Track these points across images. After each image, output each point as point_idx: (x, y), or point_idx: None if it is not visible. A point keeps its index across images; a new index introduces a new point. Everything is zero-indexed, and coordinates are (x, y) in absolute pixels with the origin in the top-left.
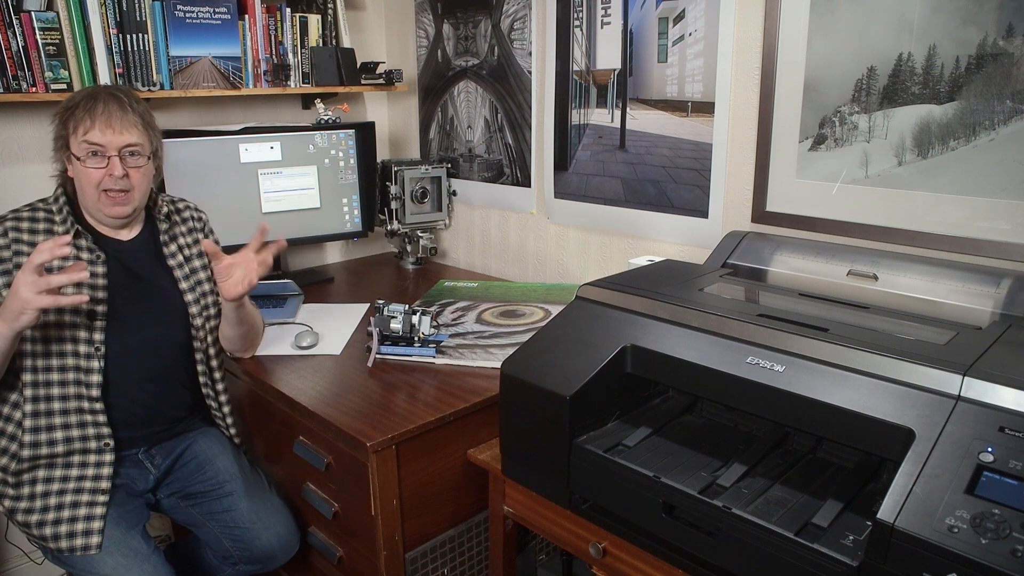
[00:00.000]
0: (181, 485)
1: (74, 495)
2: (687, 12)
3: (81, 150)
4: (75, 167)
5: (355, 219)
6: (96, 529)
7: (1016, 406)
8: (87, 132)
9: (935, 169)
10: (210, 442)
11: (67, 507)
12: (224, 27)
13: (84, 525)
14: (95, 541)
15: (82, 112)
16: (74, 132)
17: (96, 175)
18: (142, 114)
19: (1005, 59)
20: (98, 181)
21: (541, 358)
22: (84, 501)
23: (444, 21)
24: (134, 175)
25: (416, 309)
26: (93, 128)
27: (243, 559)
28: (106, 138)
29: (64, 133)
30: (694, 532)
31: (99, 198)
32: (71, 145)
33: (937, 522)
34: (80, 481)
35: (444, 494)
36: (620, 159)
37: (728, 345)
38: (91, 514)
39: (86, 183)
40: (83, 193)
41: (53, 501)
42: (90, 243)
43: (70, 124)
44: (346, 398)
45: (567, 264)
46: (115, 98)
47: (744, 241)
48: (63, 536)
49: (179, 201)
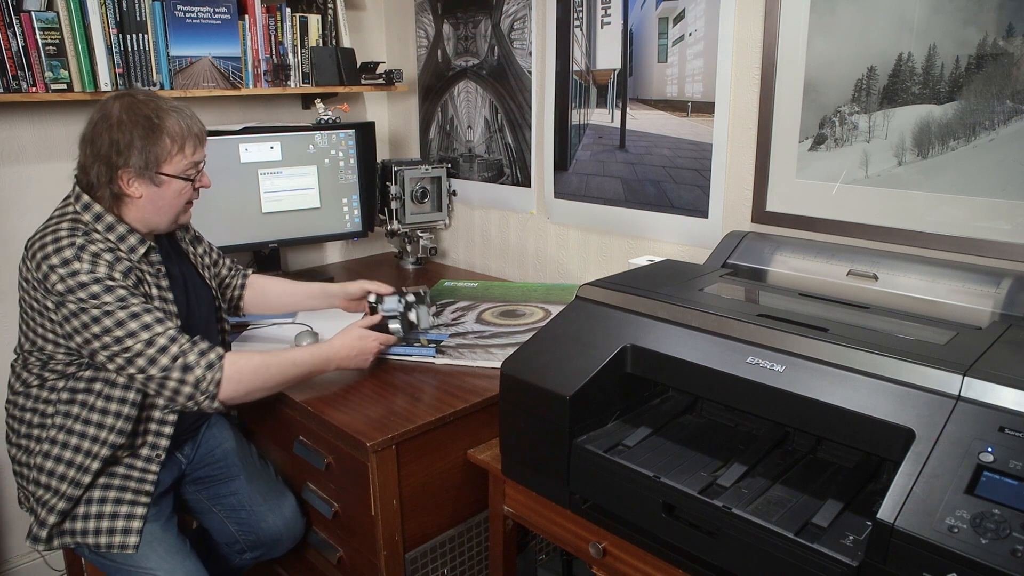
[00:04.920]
0: (188, 470)
1: (118, 492)
2: (687, 12)
3: (187, 169)
4: (168, 186)
5: (355, 219)
6: (135, 529)
7: (1016, 406)
8: (195, 151)
9: (935, 169)
10: (220, 428)
11: (110, 503)
12: (224, 27)
13: (124, 524)
14: (133, 541)
15: (185, 132)
16: (180, 151)
17: (189, 189)
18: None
19: (1005, 59)
20: (190, 195)
21: (541, 358)
22: (127, 499)
23: (444, 21)
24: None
25: (411, 301)
26: (200, 146)
27: (249, 544)
28: (204, 152)
29: (154, 151)
30: (694, 532)
31: (184, 210)
32: (170, 165)
33: (937, 522)
34: (126, 480)
35: (444, 494)
36: (620, 159)
37: (728, 345)
38: (132, 513)
39: (178, 199)
40: (164, 209)
41: (97, 495)
42: (156, 256)
43: (167, 143)
44: (346, 398)
45: (567, 264)
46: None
47: (744, 241)
48: (103, 532)
49: None
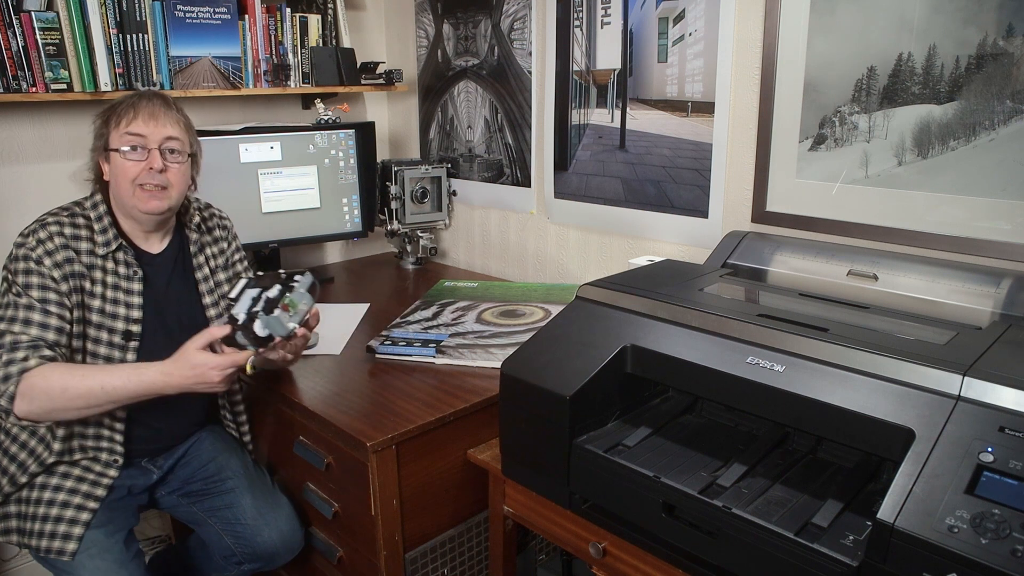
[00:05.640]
0: (182, 483)
1: (67, 495)
2: (687, 12)
3: (123, 142)
4: (113, 163)
5: (355, 219)
6: (75, 535)
7: (1016, 406)
8: (130, 124)
9: (935, 169)
10: (213, 439)
11: (56, 505)
12: (224, 27)
13: (65, 529)
14: (71, 548)
15: (126, 107)
16: (116, 126)
17: (134, 168)
18: (183, 115)
19: (1005, 59)
20: (135, 175)
21: (541, 358)
22: (74, 504)
23: (444, 21)
24: (172, 172)
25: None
26: (136, 119)
27: (246, 557)
28: (148, 129)
29: (105, 131)
30: (694, 532)
31: (134, 193)
32: (111, 140)
33: (937, 522)
34: (78, 483)
35: (444, 494)
36: (620, 159)
37: (728, 345)
38: (75, 518)
39: (122, 178)
40: (118, 189)
41: (46, 496)
42: (129, 257)
43: (112, 120)
44: (346, 398)
45: (567, 264)
46: (159, 96)
47: (744, 241)
48: (45, 535)
49: (206, 209)
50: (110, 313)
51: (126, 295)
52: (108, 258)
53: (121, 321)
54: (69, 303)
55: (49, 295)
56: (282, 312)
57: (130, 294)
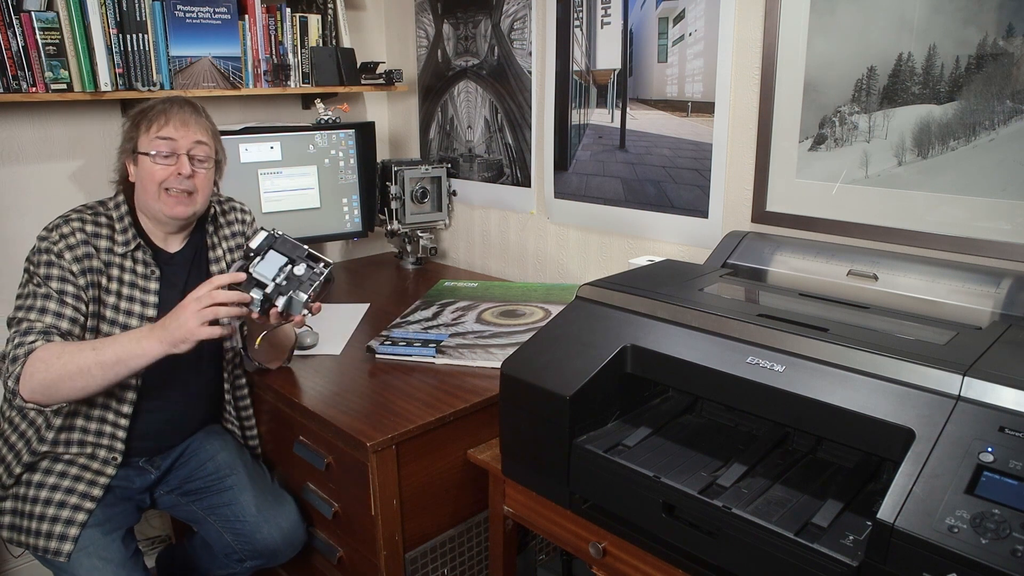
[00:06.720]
0: (181, 482)
1: (64, 495)
2: (687, 12)
3: (154, 146)
4: (142, 166)
5: (355, 219)
6: (71, 536)
7: (1016, 406)
8: (161, 128)
9: (935, 169)
10: (212, 437)
11: (53, 505)
12: (224, 27)
13: (61, 529)
14: (67, 549)
15: (157, 112)
16: (147, 130)
17: (162, 172)
18: (211, 122)
19: (1005, 59)
20: (163, 179)
21: (541, 358)
22: (70, 503)
23: (444, 21)
24: (199, 177)
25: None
26: (168, 125)
27: (247, 554)
28: (179, 134)
29: (134, 133)
30: (694, 532)
31: (160, 196)
32: (140, 143)
33: (937, 522)
34: (75, 482)
35: (444, 494)
36: (620, 159)
37: (728, 345)
38: (72, 519)
39: (149, 181)
40: (144, 192)
41: (43, 495)
42: (147, 257)
43: (143, 124)
44: (346, 398)
45: (567, 264)
46: (189, 103)
47: (744, 241)
48: (42, 535)
49: (226, 202)
50: (125, 310)
51: (143, 293)
52: (127, 256)
53: (136, 319)
54: (86, 297)
55: (67, 287)
56: (308, 294)
57: (147, 292)
